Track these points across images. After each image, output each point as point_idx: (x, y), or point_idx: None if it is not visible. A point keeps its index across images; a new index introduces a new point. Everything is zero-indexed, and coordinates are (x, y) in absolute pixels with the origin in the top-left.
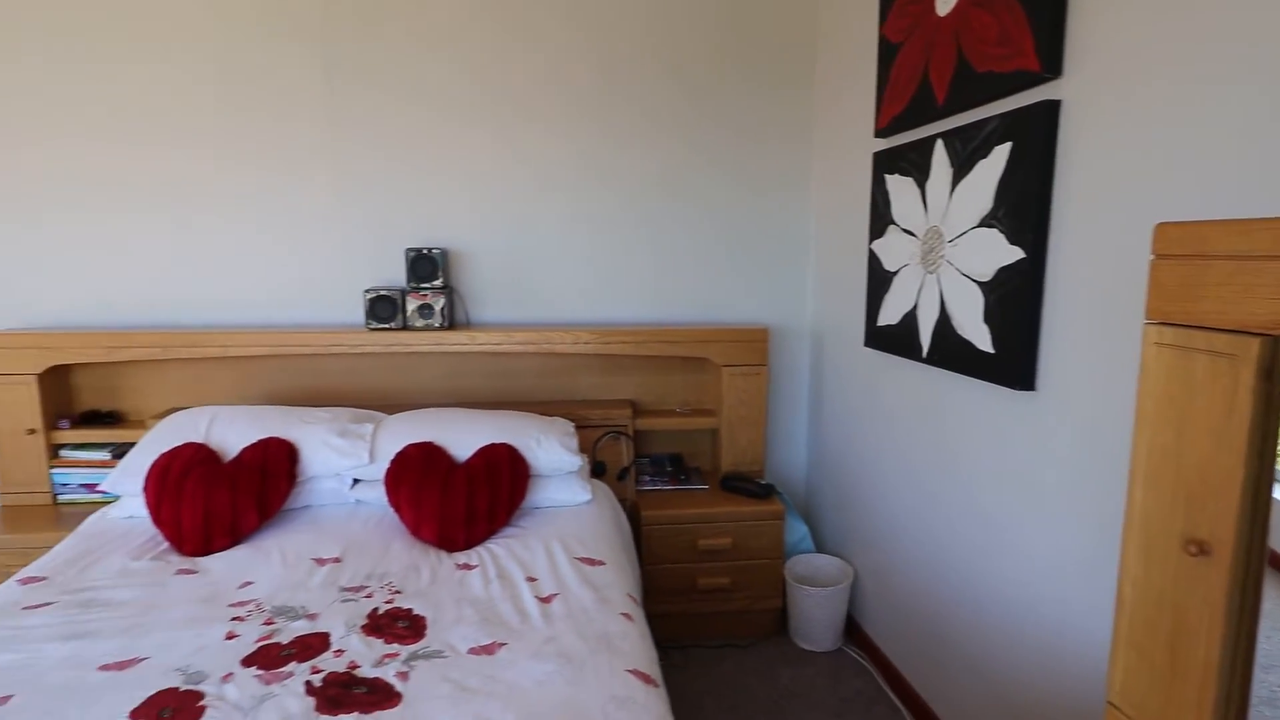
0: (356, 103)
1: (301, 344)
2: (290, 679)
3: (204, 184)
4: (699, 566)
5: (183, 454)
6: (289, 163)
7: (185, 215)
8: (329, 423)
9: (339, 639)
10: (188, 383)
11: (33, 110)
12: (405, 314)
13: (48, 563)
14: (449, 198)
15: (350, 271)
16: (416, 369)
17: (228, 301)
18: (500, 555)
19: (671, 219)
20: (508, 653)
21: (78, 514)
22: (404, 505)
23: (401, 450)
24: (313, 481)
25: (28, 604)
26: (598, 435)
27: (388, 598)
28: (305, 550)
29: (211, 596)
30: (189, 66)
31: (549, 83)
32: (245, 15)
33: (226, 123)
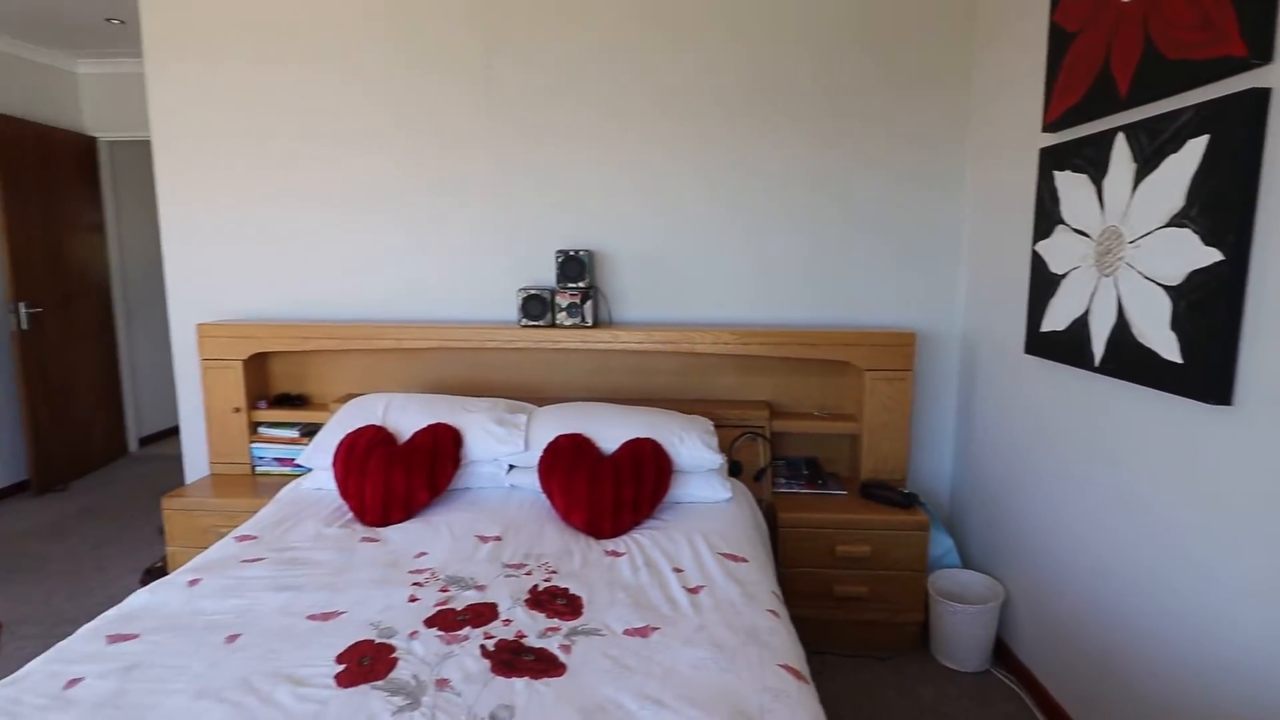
0: (513, 117)
1: (462, 338)
2: (466, 641)
3: (382, 195)
4: (836, 573)
5: (365, 435)
6: (455, 173)
7: (366, 222)
8: (488, 412)
9: (506, 610)
10: (363, 371)
11: (244, 140)
12: (554, 312)
13: (256, 524)
14: (597, 202)
15: (506, 272)
16: (563, 364)
17: (399, 299)
18: (646, 545)
19: (816, 220)
20: (661, 637)
21: (271, 484)
22: (555, 492)
23: (553, 440)
24: (474, 465)
25: (244, 558)
26: (734, 435)
27: (545, 576)
28: (469, 528)
29: (393, 563)
30: (368, 83)
31: (695, 87)
32: (414, 35)
33: (401, 138)
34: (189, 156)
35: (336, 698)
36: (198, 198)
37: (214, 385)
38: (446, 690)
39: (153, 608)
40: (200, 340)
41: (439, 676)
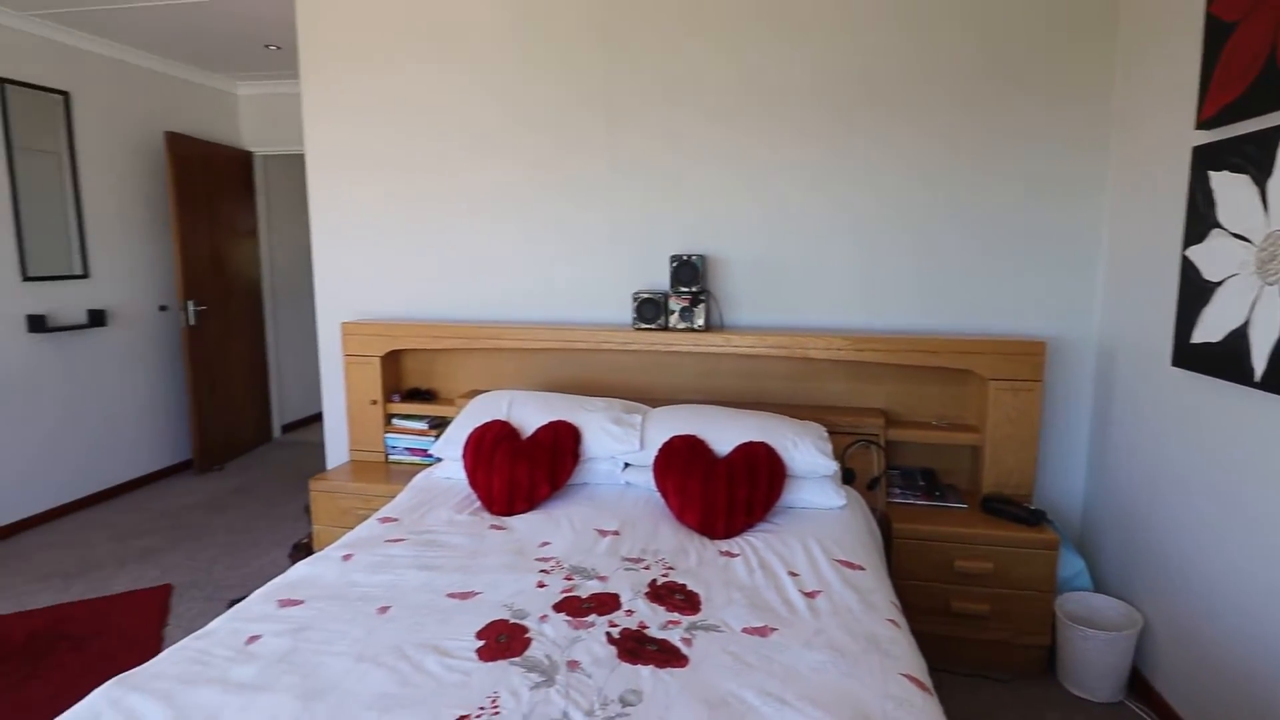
0: (630, 124)
1: (579, 340)
2: (593, 628)
3: (506, 203)
4: (954, 588)
5: (491, 430)
6: (575, 181)
7: (491, 228)
8: (605, 411)
9: (628, 601)
10: (486, 368)
11: (384, 154)
12: (667, 316)
13: (395, 508)
14: (710, 206)
15: (621, 276)
16: (673, 366)
17: (520, 301)
18: (759, 547)
19: (936, 223)
20: (779, 637)
21: (402, 471)
22: (670, 491)
23: (668, 441)
24: (591, 462)
25: (388, 538)
26: (847, 442)
27: (663, 572)
28: (589, 522)
29: (520, 550)
30: (496, 97)
31: (808, 90)
32: (540, 46)
33: (525, 149)
34: (336, 169)
35: (479, 670)
36: (343, 207)
37: (354, 379)
38: (577, 671)
39: (313, 578)
40: (344, 338)
41: (570, 658)
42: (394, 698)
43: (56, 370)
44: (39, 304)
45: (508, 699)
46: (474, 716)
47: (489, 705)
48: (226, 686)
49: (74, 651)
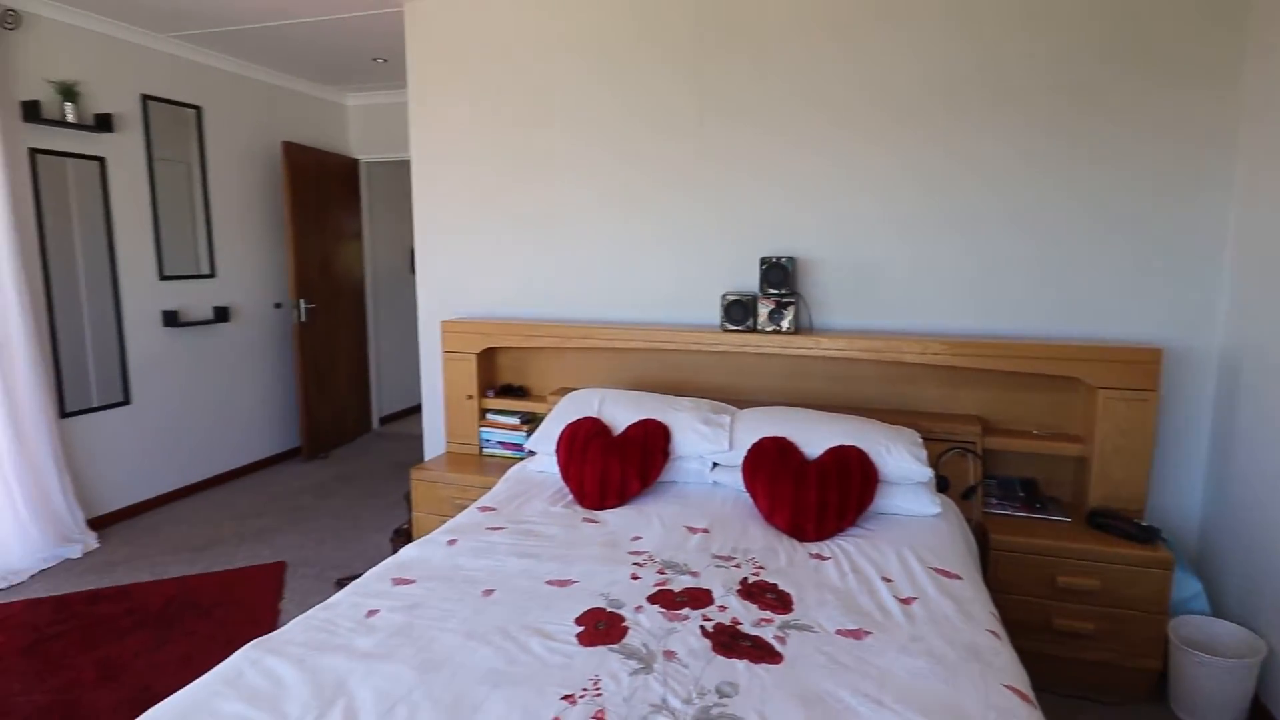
0: (722, 129)
1: (667, 340)
2: (687, 621)
3: (597, 206)
4: (1056, 605)
5: (584, 426)
6: (666, 184)
7: (583, 231)
8: (694, 411)
9: (720, 597)
10: (576, 366)
11: (483, 160)
12: (756, 318)
13: (493, 498)
14: (800, 209)
15: (709, 278)
16: (760, 368)
17: (610, 302)
18: (851, 552)
19: (1043, 223)
20: (875, 641)
21: (495, 464)
22: (759, 492)
23: (757, 442)
24: (680, 461)
25: (488, 526)
26: (942, 449)
27: (754, 571)
28: (678, 519)
29: (613, 543)
30: (594, 104)
31: (909, 84)
32: (635, 59)
33: (618, 154)
34: (438, 176)
35: (580, 654)
36: (444, 212)
37: (452, 375)
38: (674, 661)
39: (422, 559)
40: (443, 335)
41: (666, 648)
42: (503, 674)
43: (186, 361)
44: (173, 301)
45: (609, 683)
46: (578, 697)
47: (591, 687)
48: (351, 654)
49: (201, 619)
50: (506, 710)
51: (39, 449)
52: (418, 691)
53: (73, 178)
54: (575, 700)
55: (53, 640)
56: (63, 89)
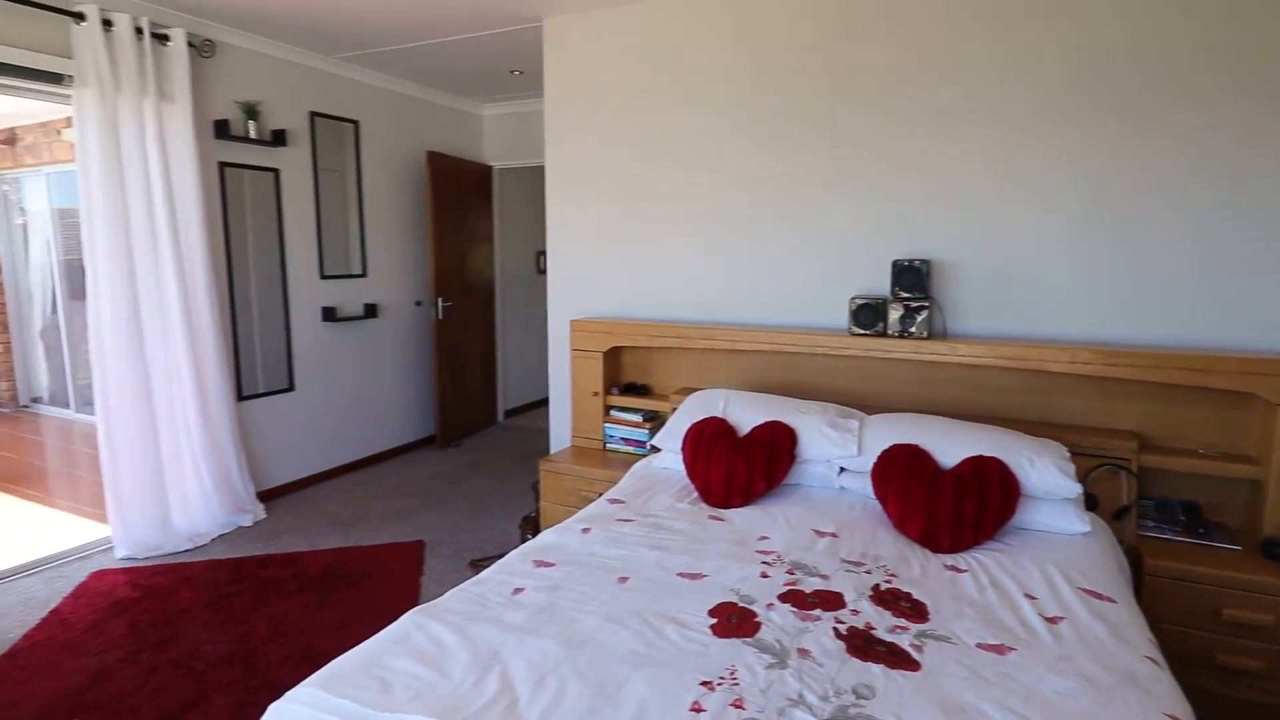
0: (858, 127)
1: (791, 343)
2: (819, 622)
3: (725, 210)
4: (1220, 639)
5: (710, 425)
6: (792, 185)
7: (709, 233)
8: (820, 414)
9: (852, 601)
10: (697, 367)
11: (613, 167)
12: (886, 322)
13: (621, 491)
14: (936, 211)
15: (836, 280)
16: (888, 374)
17: (734, 303)
18: (990, 566)
19: (1215, 224)
20: (1019, 658)
21: (618, 459)
22: (890, 499)
23: (888, 449)
24: (806, 464)
25: (618, 517)
26: (1091, 465)
27: (885, 578)
28: (805, 521)
29: (741, 541)
30: (715, 103)
31: (1070, 76)
32: (762, 58)
33: (742, 153)
34: (571, 181)
35: (714, 644)
36: (576, 215)
37: (580, 372)
38: (808, 659)
39: (559, 545)
40: (572, 334)
41: (799, 646)
42: (642, 656)
43: (340, 353)
44: (330, 298)
45: (744, 674)
46: (715, 684)
47: (728, 676)
48: (502, 626)
49: (354, 587)
50: (648, 690)
51: (221, 428)
52: (565, 666)
53: (251, 187)
54: (713, 687)
55: (231, 597)
56: (246, 108)
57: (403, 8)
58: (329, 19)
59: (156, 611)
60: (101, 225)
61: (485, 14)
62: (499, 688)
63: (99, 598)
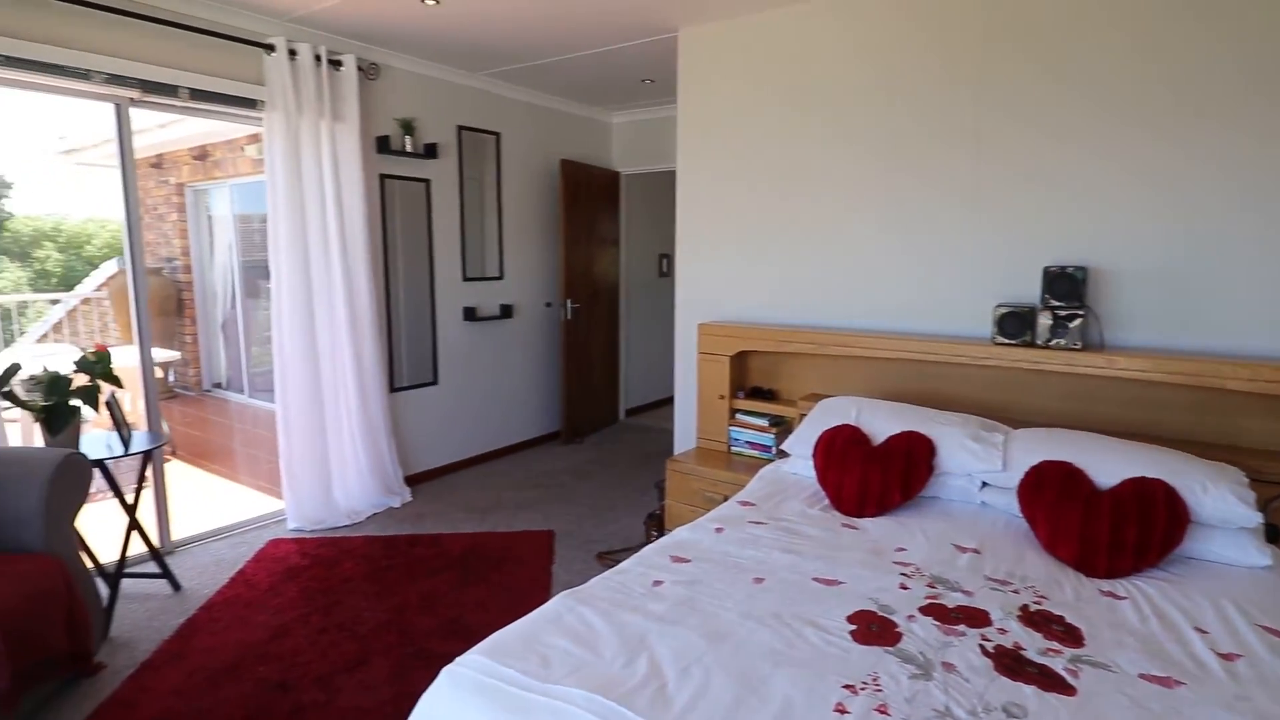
0: (1001, 134)
1: (928, 351)
2: (963, 638)
3: (859, 215)
4: None
5: (842, 433)
6: (934, 185)
7: (843, 240)
8: (962, 426)
9: (999, 620)
10: (827, 373)
11: (744, 172)
12: (1034, 331)
13: (751, 494)
14: (1091, 217)
15: (979, 287)
16: (1036, 386)
17: (868, 309)
18: (1153, 595)
19: None
20: (1189, 693)
21: (742, 462)
22: (1039, 519)
23: (1038, 465)
24: (945, 477)
25: (749, 519)
26: (1272, 494)
27: (1035, 599)
28: (944, 535)
29: (876, 551)
30: (857, 100)
31: (1226, 84)
32: (909, 65)
33: (881, 158)
34: (702, 186)
35: (855, 650)
36: (706, 218)
37: (706, 374)
38: (954, 674)
39: (693, 542)
40: (700, 337)
41: (944, 660)
42: (782, 655)
43: (478, 351)
44: (471, 298)
45: (888, 681)
46: (859, 688)
47: (870, 682)
48: (646, 615)
49: (492, 569)
50: (791, 688)
51: (376, 416)
52: (708, 657)
53: (406, 197)
54: (857, 691)
55: (386, 571)
56: (404, 124)
57: (545, 27)
58: (478, 40)
59: (323, 579)
60: (284, 233)
61: (623, 27)
62: (648, 671)
63: (275, 563)
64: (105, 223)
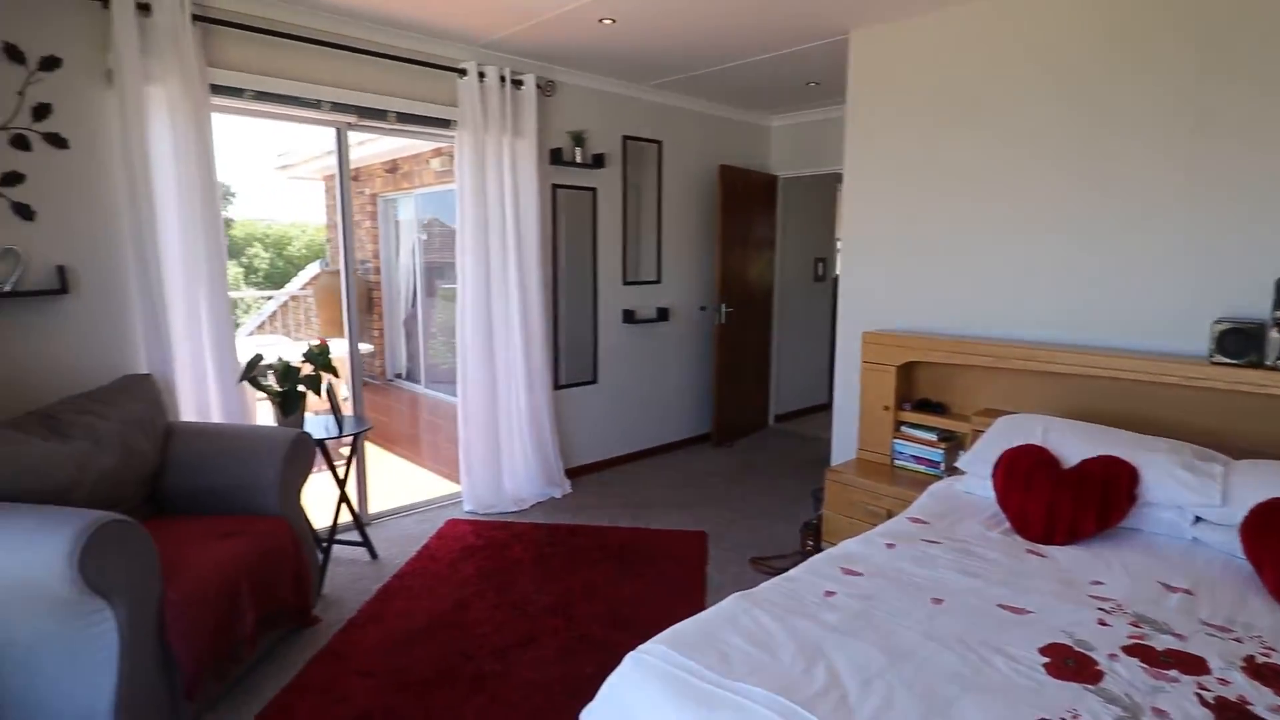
0: (1216, 133)
1: (1128, 369)
2: (1177, 684)
3: (1044, 215)
4: None
5: (1027, 453)
6: (1133, 187)
7: (1024, 244)
8: (1171, 454)
9: (1219, 670)
10: (1005, 389)
11: (914, 175)
12: (1263, 350)
13: (922, 511)
14: None
15: (1188, 299)
16: (1263, 413)
17: (1057, 321)
18: None
19: None
20: None
21: (907, 477)
22: (1268, 562)
23: (1267, 502)
24: (1150, 508)
25: (923, 538)
26: None
27: (1262, 650)
28: (1148, 571)
29: (1069, 582)
30: (1039, 112)
31: None
32: (1089, 61)
33: (1068, 159)
34: (869, 190)
35: (1050, 684)
36: (872, 224)
37: (870, 384)
38: None
39: (863, 556)
40: (864, 346)
41: (1154, 705)
42: (970, 680)
43: (635, 353)
44: (630, 301)
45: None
46: None
47: (1069, 718)
48: (820, 624)
49: (647, 564)
50: (981, 714)
51: (542, 410)
52: (890, 673)
53: (574, 205)
54: None
55: (551, 557)
56: (575, 137)
57: (717, 37)
58: (649, 53)
59: (496, 559)
60: (469, 241)
61: (794, 32)
62: (827, 680)
63: (454, 541)
64: (305, 227)
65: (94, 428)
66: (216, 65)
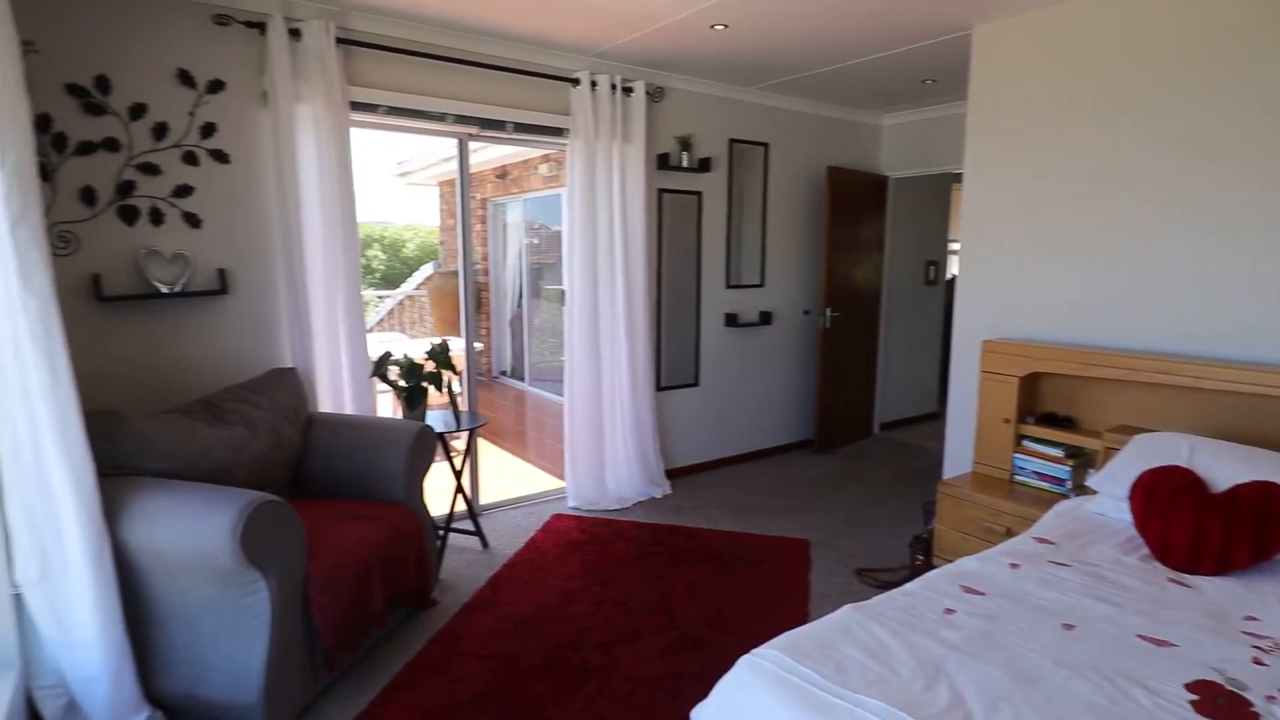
0: None
1: None
2: None
3: (1183, 215)
4: None
5: (1170, 475)
6: None
7: (1160, 247)
8: None
9: None
10: (1142, 404)
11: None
12: None
13: (1048, 531)
14: None
15: None
16: None
17: (1198, 333)
18: None
19: None
20: None
21: (1028, 494)
22: None
23: None
24: None
25: (1050, 559)
26: None
27: None
28: None
29: (1218, 616)
30: (1180, 104)
31: None
32: (1237, 50)
33: (1210, 160)
34: (992, 191)
35: None
36: (993, 227)
37: (989, 395)
38: None
39: (984, 575)
40: (984, 355)
41: None
42: (1107, 712)
43: (737, 356)
44: (733, 305)
45: None
46: None
47: None
48: (940, 642)
49: (749, 569)
50: None
51: (644, 412)
52: (1018, 697)
53: (679, 209)
54: None
55: (653, 556)
56: (682, 141)
57: (831, 37)
58: (760, 56)
59: (599, 555)
60: (579, 245)
61: (912, 29)
62: (950, 699)
63: (559, 535)
64: (418, 229)
65: (249, 416)
66: (355, 83)
